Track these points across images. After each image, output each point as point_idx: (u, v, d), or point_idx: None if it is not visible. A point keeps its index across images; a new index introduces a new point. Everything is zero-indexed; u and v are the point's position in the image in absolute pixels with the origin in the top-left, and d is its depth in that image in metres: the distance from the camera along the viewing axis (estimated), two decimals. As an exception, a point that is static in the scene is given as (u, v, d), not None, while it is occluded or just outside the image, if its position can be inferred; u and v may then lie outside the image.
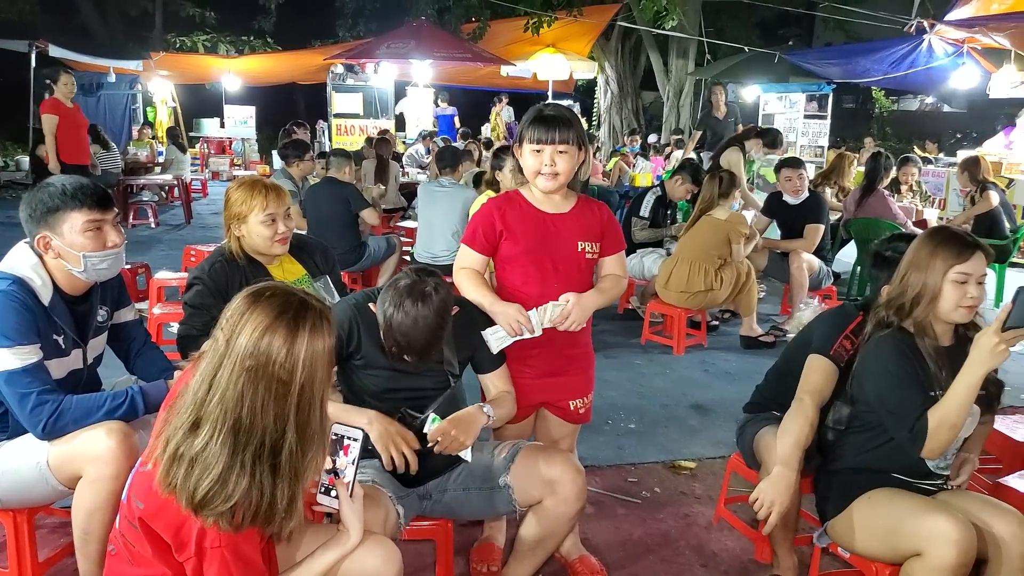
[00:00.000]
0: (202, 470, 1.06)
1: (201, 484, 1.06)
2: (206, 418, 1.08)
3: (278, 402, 1.07)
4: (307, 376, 1.09)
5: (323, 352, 1.10)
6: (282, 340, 1.07)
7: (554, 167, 1.65)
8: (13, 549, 1.65)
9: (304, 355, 1.08)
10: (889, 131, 14.56)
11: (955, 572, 1.43)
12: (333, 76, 9.65)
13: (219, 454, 1.06)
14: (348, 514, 1.27)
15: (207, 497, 1.06)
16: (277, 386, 1.07)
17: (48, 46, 8.97)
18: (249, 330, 1.07)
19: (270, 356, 1.06)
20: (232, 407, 1.06)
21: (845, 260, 5.27)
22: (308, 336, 1.08)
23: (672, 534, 2.14)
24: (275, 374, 1.07)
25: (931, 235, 1.62)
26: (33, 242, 1.61)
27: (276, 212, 1.98)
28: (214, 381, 1.08)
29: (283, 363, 1.07)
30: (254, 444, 1.07)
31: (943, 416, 1.49)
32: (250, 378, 1.06)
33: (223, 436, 1.06)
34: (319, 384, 1.11)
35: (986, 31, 6.67)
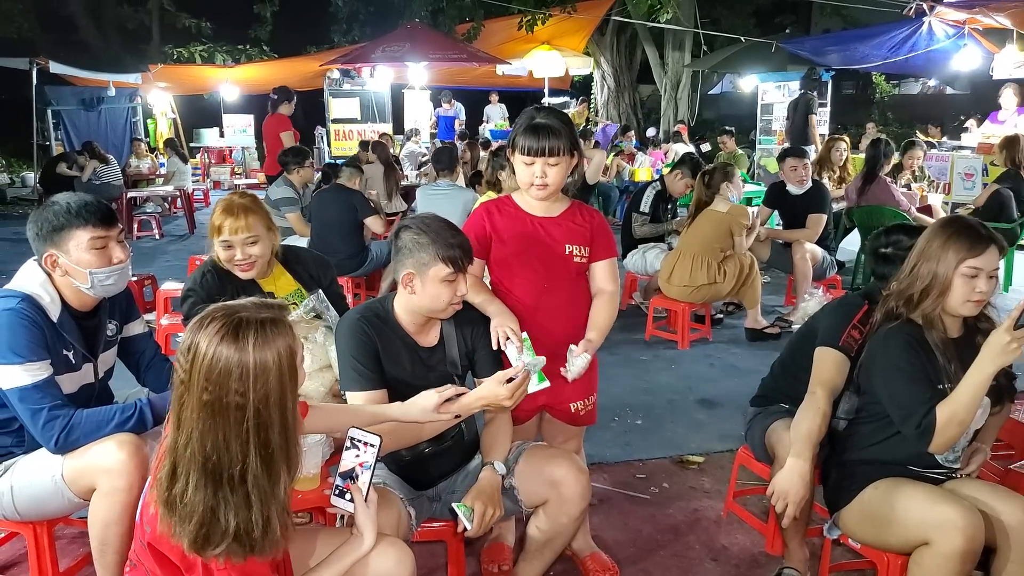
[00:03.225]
0: (188, 516, 1.06)
1: (188, 529, 1.06)
2: (180, 462, 1.07)
3: (237, 428, 1.06)
4: (261, 394, 1.06)
5: (273, 364, 1.07)
6: (229, 363, 1.05)
7: (544, 179, 1.68)
8: (34, 560, 1.68)
9: (254, 372, 1.05)
10: (891, 116, 14.45)
11: (963, 559, 1.43)
12: (329, 82, 9.67)
13: (199, 497, 1.06)
14: (363, 519, 1.28)
15: (199, 540, 1.06)
16: (234, 412, 1.05)
17: (48, 62, 9.03)
18: (199, 362, 1.05)
19: (222, 384, 1.05)
20: (198, 447, 1.06)
21: (849, 249, 5.24)
22: (254, 352, 1.05)
23: (682, 529, 2.15)
24: (230, 401, 1.05)
25: (944, 225, 1.59)
26: (41, 260, 1.64)
27: (231, 240, 1.95)
28: (181, 422, 1.07)
29: (236, 388, 1.05)
30: (226, 476, 1.06)
31: (952, 413, 1.49)
32: (209, 412, 1.05)
33: (198, 478, 1.06)
34: (275, 400, 1.07)
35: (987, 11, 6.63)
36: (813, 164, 5.46)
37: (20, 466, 1.62)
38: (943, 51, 7.82)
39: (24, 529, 1.67)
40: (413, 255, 1.53)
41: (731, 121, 10.97)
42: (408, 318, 1.61)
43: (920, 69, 9.97)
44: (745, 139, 10.19)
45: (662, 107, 12.21)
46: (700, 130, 12.28)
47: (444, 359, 1.66)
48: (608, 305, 1.76)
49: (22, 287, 1.61)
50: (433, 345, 1.65)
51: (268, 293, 2.05)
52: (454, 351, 1.66)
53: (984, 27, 7.37)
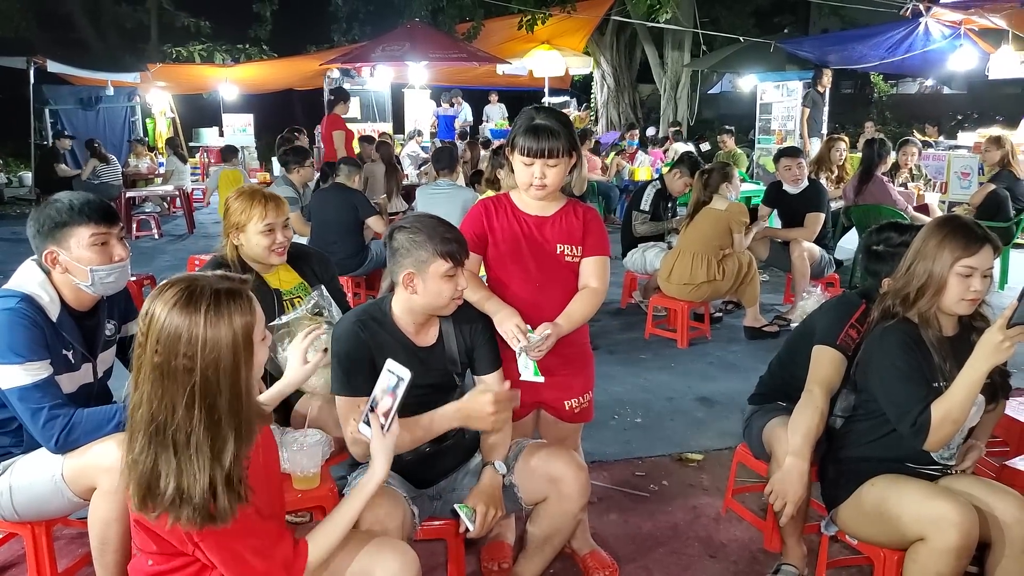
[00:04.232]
0: (136, 476, 1.10)
1: (134, 489, 1.10)
2: (134, 424, 1.11)
3: (183, 392, 1.08)
4: (210, 361, 1.08)
5: (225, 334, 1.09)
6: (179, 329, 1.07)
7: (544, 179, 1.69)
8: (33, 561, 1.68)
9: (203, 339, 1.07)
10: (889, 115, 14.48)
11: (958, 555, 1.44)
12: (329, 81, 9.67)
13: (144, 456, 1.09)
14: (376, 446, 1.31)
15: (141, 498, 1.10)
16: (181, 376, 1.07)
17: (46, 62, 9.02)
18: (154, 325, 1.08)
19: (171, 348, 1.07)
20: (147, 408, 1.09)
21: (847, 248, 5.26)
22: (205, 319, 1.07)
23: (681, 526, 2.16)
24: (178, 365, 1.07)
25: (940, 225, 1.60)
26: (41, 258, 1.64)
27: (275, 222, 1.99)
28: (137, 384, 1.11)
29: (184, 352, 1.07)
30: (170, 438, 1.09)
31: (946, 411, 1.50)
32: (159, 375, 1.08)
33: (145, 439, 1.09)
34: (225, 368, 1.09)
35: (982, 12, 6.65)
36: (812, 163, 5.49)
37: (19, 466, 1.62)
38: (940, 51, 7.84)
39: (22, 530, 1.67)
40: (411, 254, 1.54)
41: (730, 120, 10.99)
42: (407, 318, 1.62)
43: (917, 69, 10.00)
44: (744, 138, 10.20)
45: (662, 106, 12.21)
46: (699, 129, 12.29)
47: (443, 358, 1.66)
48: (588, 299, 1.76)
49: (21, 287, 1.62)
50: (431, 344, 1.65)
51: (274, 289, 2.06)
52: (453, 349, 1.67)
53: (980, 27, 7.39)
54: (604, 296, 1.79)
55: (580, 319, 1.74)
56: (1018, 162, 4.86)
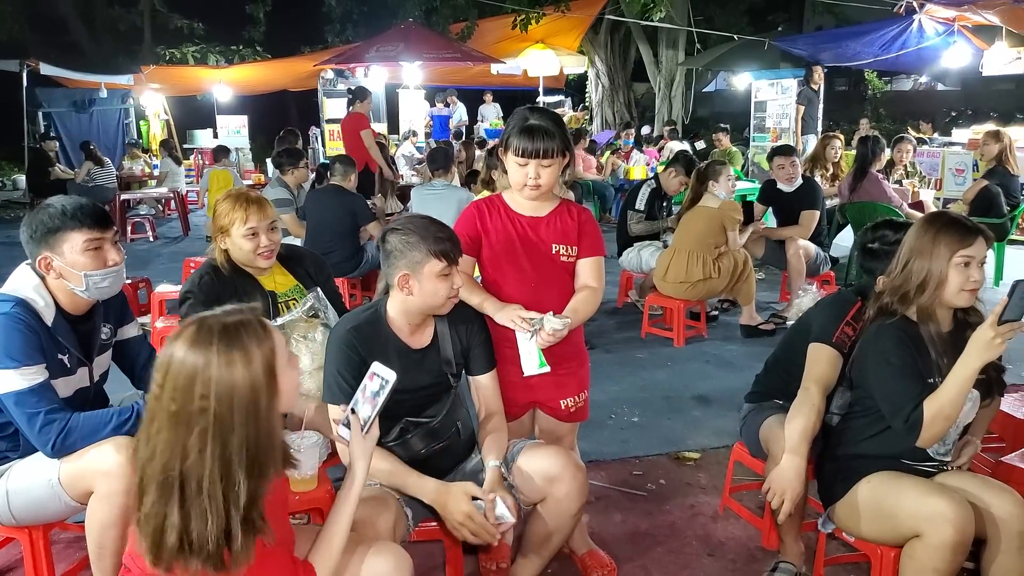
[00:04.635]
0: (146, 530, 1.05)
1: (145, 544, 1.05)
2: (144, 476, 1.06)
3: (198, 435, 1.04)
4: (225, 400, 1.04)
5: (242, 371, 1.05)
6: (193, 368, 1.04)
7: (538, 179, 1.69)
8: (30, 565, 1.68)
9: (217, 378, 1.04)
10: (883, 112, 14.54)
11: (954, 551, 1.45)
12: (324, 82, 9.65)
13: (155, 510, 1.04)
14: (355, 448, 1.28)
15: (155, 554, 1.04)
16: (197, 418, 1.04)
17: (39, 64, 8.98)
18: (171, 372, 1.05)
19: (187, 392, 1.04)
20: (159, 458, 1.04)
21: (843, 245, 5.27)
22: (217, 357, 1.04)
23: (679, 525, 2.16)
24: (194, 408, 1.04)
25: (931, 221, 1.62)
26: (35, 263, 1.63)
27: (258, 226, 1.97)
28: (149, 437, 1.06)
29: (200, 393, 1.03)
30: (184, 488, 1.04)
31: (939, 408, 1.51)
32: (174, 423, 1.04)
33: (156, 491, 1.04)
34: (240, 406, 1.05)
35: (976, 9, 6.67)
36: (807, 161, 5.51)
37: (16, 471, 1.61)
38: (933, 48, 7.88)
39: (20, 534, 1.66)
40: (405, 256, 1.54)
41: (725, 119, 11.02)
42: (403, 320, 1.62)
43: (911, 66, 10.03)
44: (739, 136, 10.22)
45: (656, 105, 12.23)
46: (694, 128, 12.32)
47: (438, 359, 1.66)
48: (589, 298, 1.77)
49: (16, 291, 1.61)
50: (425, 346, 1.66)
51: (269, 291, 2.05)
52: (448, 350, 1.67)
53: (973, 24, 7.42)
54: (602, 295, 1.80)
55: (584, 316, 1.75)
56: (1014, 158, 4.88)
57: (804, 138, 7.61)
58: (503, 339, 1.75)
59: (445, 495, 1.51)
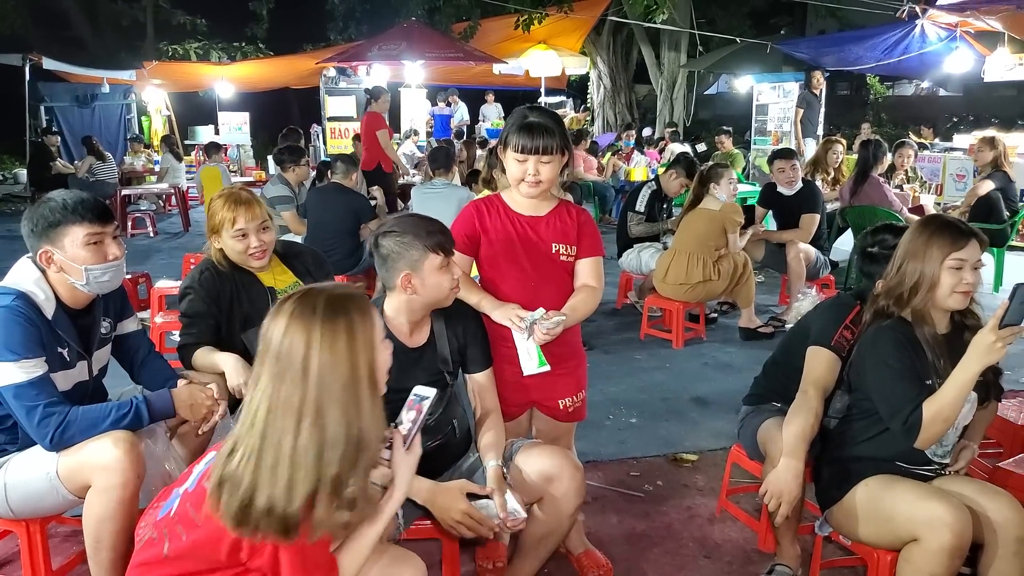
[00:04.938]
0: (232, 490, 1.07)
1: (231, 504, 1.07)
2: (240, 441, 1.09)
3: (298, 408, 1.07)
4: (327, 371, 1.08)
5: (343, 343, 1.09)
6: (296, 340, 1.07)
7: (537, 176, 1.69)
8: (27, 558, 1.68)
9: (320, 349, 1.07)
10: (884, 117, 14.56)
11: (951, 556, 1.45)
12: (326, 80, 9.65)
13: (247, 471, 1.07)
14: (398, 463, 1.29)
15: (237, 516, 1.07)
16: (299, 387, 1.07)
17: (42, 59, 8.99)
18: (273, 342, 1.09)
19: (290, 362, 1.07)
20: (262, 422, 1.08)
21: (843, 249, 5.28)
22: (320, 329, 1.08)
23: (675, 526, 2.16)
24: (295, 376, 1.07)
25: (925, 224, 1.64)
26: (36, 257, 1.64)
27: (246, 227, 1.96)
28: (251, 399, 1.10)
29: (302, 365, 1.07)
30: (278, 452, 1.07)
31: (938, 410, 1.51)
32: (276, 388, 1.08)
33: (252, 451, 1.07)
34: (342, 378, 1.09)
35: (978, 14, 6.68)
36: (808, 164, 5.51)
37: (14, 464, 1.62)
38: (936, 53, 7.89)
39: (17, 527, 1.66)
40: (403, 257, 1.55)
41: (726, 121, 11.02)
42: (401, 319, 1.62)
43: (913, 71, 10.04)
44: (740, 139, 10.23)
45: (658, 107, 12.24)
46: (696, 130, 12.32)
47: (435, 357, 1.67)
48: (589, 296, 1.77)
49: (16, 284, 1.61)
50: (422, 345, 1.66)
51: (268, 288, 2.05)
52: (445, 349, 1.67)
53: (976, 30, 7.43)
54: (601, 295, 1.81)
55: (583, 315, 1.76)
56: (1010, 163, 4.89)
57: (803, 141, 7.63)
58: (500, 338, 1.75)
59: (440, 495, 1.51)
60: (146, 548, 1.19)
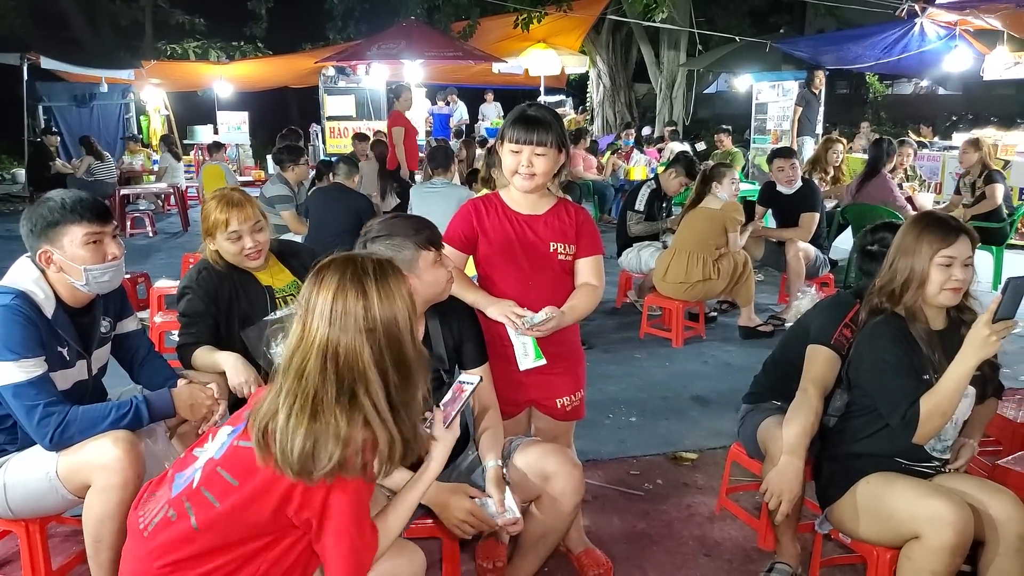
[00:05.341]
0: (291, 445, 1.12)
1: (293, 457, 1.12)
2: (287, 391, 1.16)
3: (371, 351, 1.16)
4: (389, 321, 1.18)
5: (399, 294, 1.20)
6: (354, 300, 1.16)
7: (531, 168, 1.69)
8: (27, 558, 1.68)
9: (380, 307, 1.17)
10: (884, 116, 14.57)
11: (953, 553, 1.45)
12: (325, 79, 9.65)
13: (301, 419, 1.13)
14: (440, 435, 1.38)
15: (305, 463, 1.12)
16: (367, 336, 1.16)
17: (40, 58, 8.97)
18: (322, 302, 1.16)
19: (349, 317, 1.15)
20: (315, 374, 1.14)
21: (842, 247, 5.28)
22: (377, 286, 1.18)
23: (675, 525, 2.17)
24: (359, 327, 1.15)
25: (916, 221, 1.66)
26: (35, 257, 1.63)
27: (240, 228, 1.96)
28: (293, 360, 1.16)
29: (364, 317, 1.16)
30: (336, 395, 1.14)
31: (935, 404, 1.52)
32: (334, 340, 1.15)
33: (299, 404, 1.14)
34: (404, 324, 1.20)
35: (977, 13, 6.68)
36: (807, 163, 5.52)
37: (13, 463, 1.61)
38: (935, 52, 7.89)
39: (16, 527, 1.66)
40: (396, 259, 1.54)
41: (726, 120, 11.02)
42: None
43: (912, 70, 10.05)
44: (740, 138, 10.24)
45: (657, 106, 12.24)
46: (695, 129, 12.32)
47: (431, 355, 1.66)
48: (589, 294, 1.77)
49: (16, 283, 1.61)
50: None
51: (266, 287, 2.05)
52: (440, 347, 1.68)
53: (975, 28, 7.43)
54: (602, 293, 1.81)
55: (582, 313, 1.76)
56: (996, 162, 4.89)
57: (800, 139, 7.63)
58: (497, 336, 1.75)
59: (444, 495, 1.51)
60: (163, 529, 1.20)
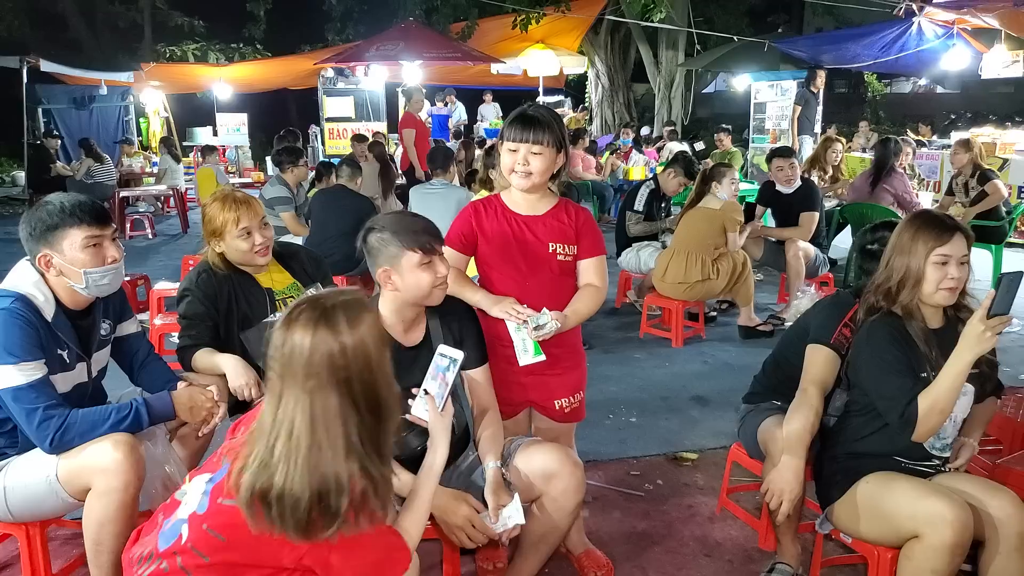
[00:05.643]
0: (293, 507, 1.07)
1: (294, 520, 1.07)
2: (279, 461, 1.09)
3: (348, 400, 1.11)
4: (362, 363, 1.12)
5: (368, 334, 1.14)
6: (328, 344, 1.10)
7: (527, 166, 1.69)
8: (27, 561, 1.68)
9: (351, 345, 1.12)
10: (882, 114, 14.58)
11: (952, 552, 1.45)
12: (323, 80, 9.65)
13: (301, 482, 1.07)
14: (435, 425, 1.36)
15: (307, 525, 1.08)
16: (344, 388, 1.11)
17: (40, 61, 8.97)
18: (299, 354, 1.10)
19: (327, 366, 1.10)
20: (307, 431, 1.09)
21: (841, 247, 5.28)
22: (348, 328, 1.12)
23: (676, 525, 2.17)
24: (337, 378, 1.10)
25: (912, 219, 1.66)
26: (34, 261, 1.63)
27: (250, 225, 1.98)
28: (276, 421, 1.10)
29: (339, 363, 1.10)
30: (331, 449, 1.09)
31: (933, 402, 1.52)
32: (317, 395, 1.09)
33: (300, 463, 1.08)
34: (376, 363, 1.14)
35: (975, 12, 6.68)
36: (806, 162, 5.52)
37: (13, 467, 1.61)
38: (933, 51, 7.89)
39: (16, 530, 1.66)
40: (382, 253, 1.56)
41: (724, 120, 11.03)
42: (395, 318, 1.62)
43: (911, 68, 10.05)
44: (739, 138, 10.25)
45: (656, 106, 12.25)
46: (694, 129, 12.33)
47: (431, 355, 1.66)
48: (592, 296, 1.78)
49: (16, 287, 1.61)
50: (417, 343, 1.66)
51: (266, 289, 2.05)
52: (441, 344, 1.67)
53: (973, 27, 7.43)
54: (605, 294, 1.81)
55: (585, 315, 1.76)
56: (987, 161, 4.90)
57: (799, 139, 7.64)
58: (497, 337, 1.75)
59: (445, 499, 1.51)
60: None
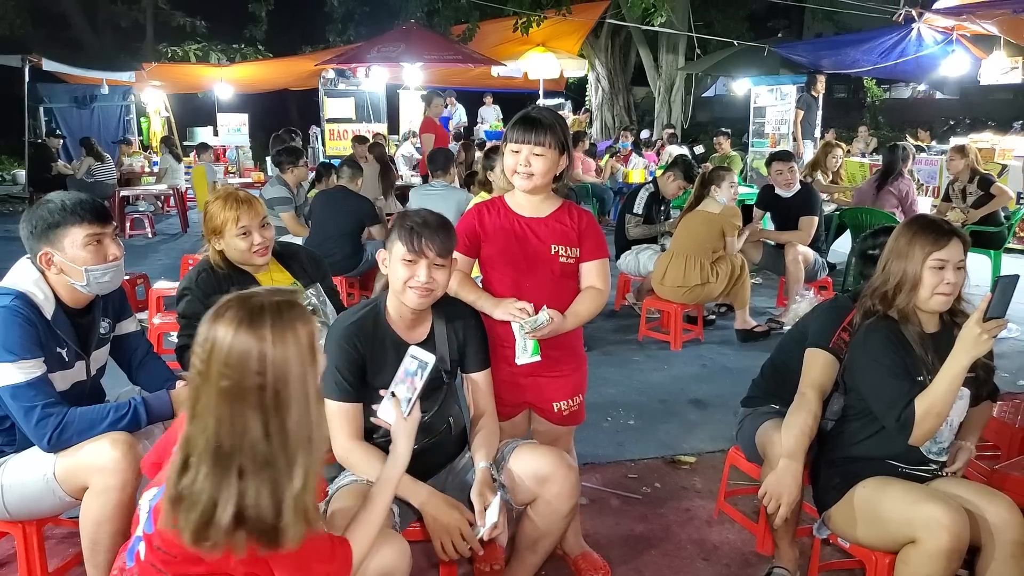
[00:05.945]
0: (191, 506, 1.04)
1: (189, 520, 1.04)
2: (192, 454, 1.06)
3: (257, 412, 1.04)
4: (280, 376, 1.05)
5: (293, 348, 1.07)
6: (247, 347, 1.04)
7: (529, 167, 1.70)
8: (23, 560, 1.67)
9: (272, 355, 1.05)
10: (882, 120, 14.61)
11: (949, 557, 1.45)
12: (324, 81, 9.66)
13: (205, 486, 1.04)
14: (397, 430, 1.33)
15: (197, 531, 1.03)
16: (253, 395, 1.04)
17: (41, 60, 8.98)
18: (218, 351, 1.05)
19: (241, 369, 1.04)
20: (212, 435, 1.04)
21: (840, 251, 5.29)
22: (271, 335, 1.05)
23: (673, 528, 2.17)
24: (250, 384, 1.04)
25: (909, 224, 1.67)
26: (35, 259, 1.63)
27: (249, 224, 1.98)
28: (196, 414, 1.06)
29: (256, 370, 1.04)
30: (239, 463, 1.04)
31: (930, 404, 1.52)
32: (227, 399, 1.04)
33: (209, 467, 1.04)
34: (295, 381, 1.06)
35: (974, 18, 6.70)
36: (806, 166, 5.53)
37: (11, 465, 1.61)
38: (932, 56, 7.91)
39: (13, 529, 1.66)
40: (389, 237, 1.60)
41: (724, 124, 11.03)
42: (397, 314, 1.63)
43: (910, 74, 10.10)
44: (738, 142, 10.27)
45: (656, 109, 12.27)
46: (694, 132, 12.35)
47: (433, 354, 1.67)
48: (593, 298, 1.78)
49: (16, 284, 1.61)
50: (422, 342, 1.66)
51: None
52: (444, 347, 1.68)
53: (972, 33, 7.46)
54: (607, 297, 1.81)
55: (586, 317, 1.77)
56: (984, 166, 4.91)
57: (802, 143, 7.66)
58: (497, 339, 1.76)
59: (437, 502, 1.50)
60: None
